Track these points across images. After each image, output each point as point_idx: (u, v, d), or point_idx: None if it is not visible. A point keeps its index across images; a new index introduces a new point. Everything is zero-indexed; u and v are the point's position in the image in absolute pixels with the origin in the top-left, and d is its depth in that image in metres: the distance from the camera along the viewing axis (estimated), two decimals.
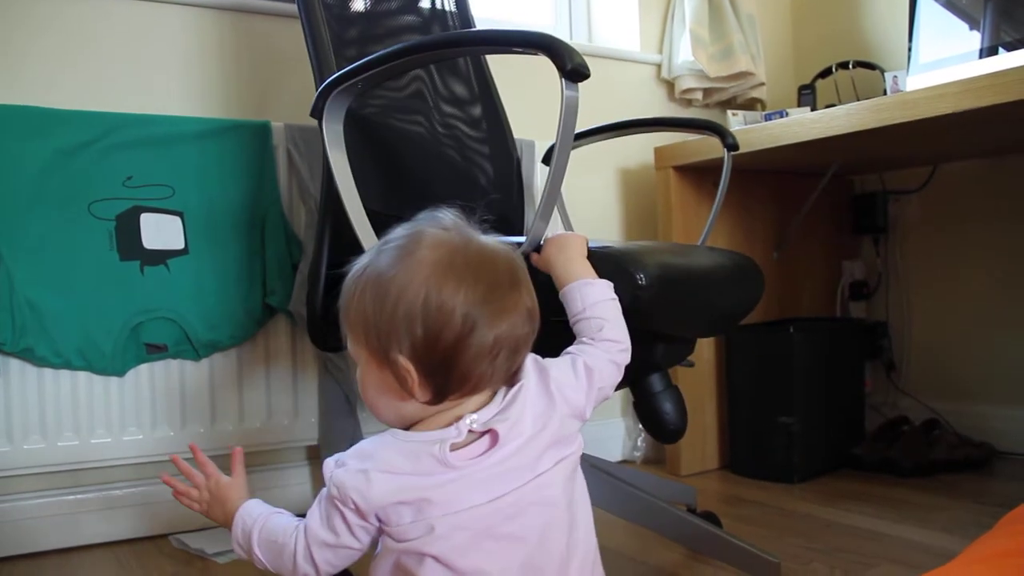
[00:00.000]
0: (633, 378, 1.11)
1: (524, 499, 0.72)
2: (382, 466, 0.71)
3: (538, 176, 1.85)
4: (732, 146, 1.39)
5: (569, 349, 0.84)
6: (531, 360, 0.78)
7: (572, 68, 0.85)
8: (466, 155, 1.45)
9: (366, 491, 0.70)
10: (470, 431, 0.72)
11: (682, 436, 1.12)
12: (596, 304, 0.86)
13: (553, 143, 1.56)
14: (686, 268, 1.11)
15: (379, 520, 0.72)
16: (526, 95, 1.85)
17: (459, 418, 0.72)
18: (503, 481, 0.71)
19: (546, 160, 1.62)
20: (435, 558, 0.70)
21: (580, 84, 0.87)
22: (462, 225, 0.77)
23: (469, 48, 1.00)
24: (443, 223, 0.76)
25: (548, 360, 0.80)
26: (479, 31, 0.97)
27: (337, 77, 1.02)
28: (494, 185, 1.47)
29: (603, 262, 0.93)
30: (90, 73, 1.54)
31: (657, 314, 1.00)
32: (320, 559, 0.75)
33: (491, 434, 0.72)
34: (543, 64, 0.89)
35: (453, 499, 0.70)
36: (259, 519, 0.81)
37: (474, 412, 0.73)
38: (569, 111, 0.87)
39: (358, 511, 0.71)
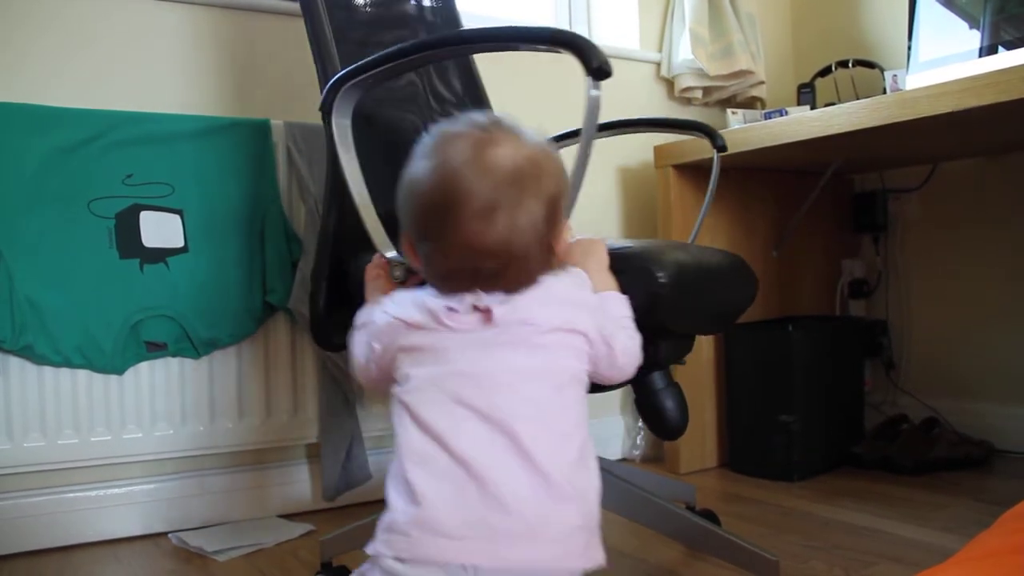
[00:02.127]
0: (635, 375, 1.11)
1: (502, 381, 0.74)
2: (396, 311, 0.79)
3: None
4: (721, 147, 1.40)
5: None
6: (567, 277, 0.81)
7: (598, 66, 0.86)
8: None
9: (377, 323, 0.81)
10: (474, 307, 0.75)
11: (683, 433, 1.13)
12: (614, 320, 0.87)
13: (555, 136, 1.57)
14: (697, 265, 1.12)
15: (391, 363, 0.79)
16: (517, 93, 1.86)
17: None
18: (487, 356, 0.74)
19: None
20: (407, 405, 0.74)
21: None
22: (488, 125, 0.79)
23: (492, 44, 0.99)
24: (476, 121, 0.79)
25: (586, 297, 0.81)
26: (503, 28, 0.97)
27: (350, 71, 1.00)
28: None
29: (625, 261, 0.95)
30: (90, 71, 1.54)
31: (675, 311, 1.01)
32: (358, 371, 0.87)
33: (487, 312, 0.75)
34: (537, 63, 0.90)
35: (440, 355, 0.75)
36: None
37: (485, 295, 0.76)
38: (593, 110, 0.88)
39: (376, 349, 0.81)
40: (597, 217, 2.09)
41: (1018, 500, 0.79)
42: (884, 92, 1.93)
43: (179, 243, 1.54)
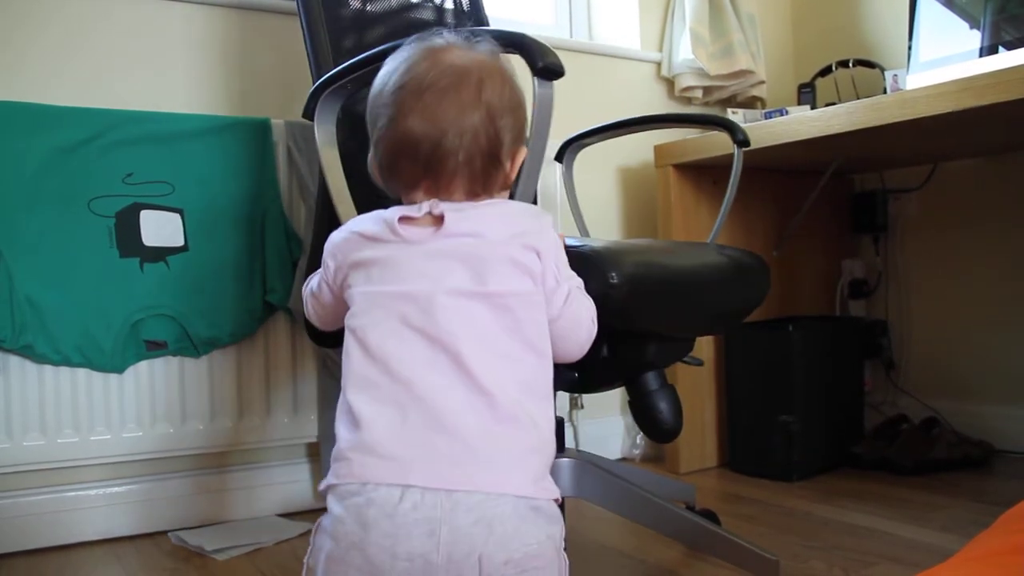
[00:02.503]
0: (628, 376, 1.11)
1: (447, 303, 0.72)
2: (356, 226, 0.80)
3: (558, 176, 1.85)
4: (742, 142, 1.38)
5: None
6: (527, 207, 0.80)
7: (544, 66, 0.86)
8: None
9: (334, 239, 0.81)
10: (429, 214, 0.75)
11: (676, 436, 1.11)
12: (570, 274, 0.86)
13: (565, 141, 1.57)
14: (669, 267, 1.10)
15: (343, 283, 0.79)
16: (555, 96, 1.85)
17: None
18: (435, 273, 0.73)
19: (559, 157, 1.62)
20: (354, 331, 0.73)
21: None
22: (454, 39, 0.82)
23: None
24: (443, 35, 0.82)
25: (544, 223, 0.79)
26: (460, 32, 0.99)
27: (327, 78, 1.03)
28: None
29: (575, 260, 0.92)
30: (90, 70, 1.54)
31: (632, 312, 1.00)
32: (310, 310, 0.88)
33: (440, 220, 0.75)
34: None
35: (388, 271, 0.75)
36: None
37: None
38: (543, 108, 0.88)
39: (330, 266, 0.80)
40: (597, 217, 2.09)
41: (1018, 500, 0.79)
42: (884, 92, 1.93)
43: (179, 242, 1.54)
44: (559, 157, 1.60)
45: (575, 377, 1.13)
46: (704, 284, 1.17)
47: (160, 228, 1.53)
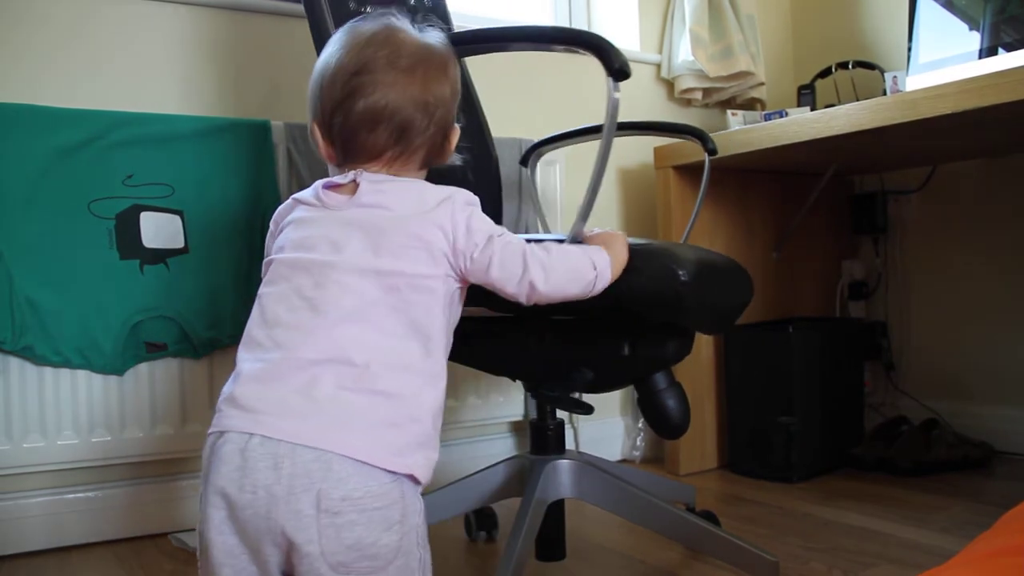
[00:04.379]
0: (640, 375, 1.12)
1: (340, 278, 0.76)
2: (297, 193, 0.87)
3: (521, 173, 1.86)
4: (711, 151, 1.44)
5: (502, 230, 0.84)
6: (442, 188, 0.83)
7: (619, 67, 0.89)
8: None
9: (279, 207, 0.89)
10: (353, 181, 0.82)
11: (685, 432, 1.13)
12: (571, 246, 0.90)
13: (534, 144, 1.60)
14: (711, 264, 1.12)
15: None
16: (514, 94, 1.85)
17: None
18: (339, 241, 0.78)
19: (523, 161, 1.69)
20: (259, 299, 0.80)
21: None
22: (393, 20, 0.86)
23: (514, 44, 1.02)
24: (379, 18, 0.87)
25: (457, 200, 0.82)
26: (524, 27, 1.01)
27: None
28: (474, 183, 1.47)
29: (648, 258, 0.96)
30: (90, 72, 1.54)
31: (694, 308, 1.02)
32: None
33: (356, 186, 0.81)
34: (531, 63, 0.91)
35: (300, 232, 0.81)
36: None
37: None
38: (613, 111, 0.91)
39: (271, 231, 0.89)
40: (597, 218, 2.09)
41: (1018, 501, 0.79)
42: (884, 93, 1.93)
43: (179, 244, 1.54)
44: (523, 161, 1.66)
45: (591, 377, 1.13)
46: (727, 281, 1.18)
47: (160, 230, 1.53)
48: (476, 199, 0.85)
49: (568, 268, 0.86)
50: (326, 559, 0.69)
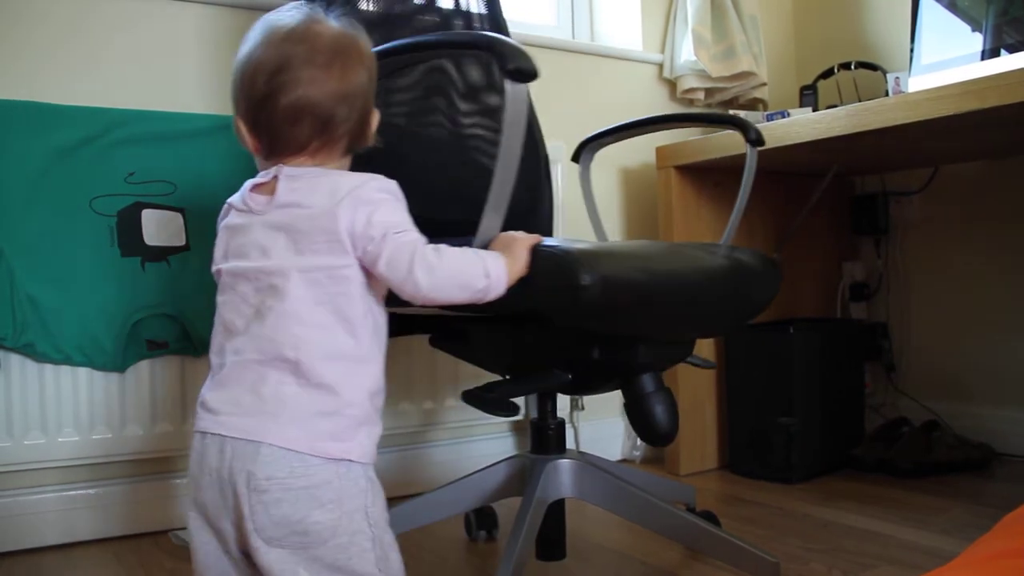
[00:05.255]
0: (622, 380, 1.10)
1: (272, 282, 0.80)
2: (232, 197, 0.89)
3: (560, 176, 1.87)
4: (756, 141, 1.35)
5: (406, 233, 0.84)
6: (356, 176, 0.84)
7: (515, 68, 0.87)
8: (493, 154, 1.44)
9: (221, 212, 0.91)
10: (275, 178, 0.84)
11: (671, 440, 1.09)
12: (470, 251, 0.88)
13: (583, 140, 1.56)
14: (653, 270, 1.07)
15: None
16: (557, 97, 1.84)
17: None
18: (267, 246, 0.82)
19: (575, 158, 1.59)
20: (218, 306, 0.85)
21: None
22: (308, 12, 0.87)
23: (418, 54, 1.02)
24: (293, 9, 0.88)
25: (365, 190, 0.82)
26: (427, 37, 1.00)
27: None
28: (522, 184, 1.46)
29: (545, 260, 0.92)
30: (89, 69, 1.54)
31: (607, 315, 0.98)
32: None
33: (275, 183, 0.83)
34: (563, 66, 0.90)
35: (235, 240, 0.85)
36: None
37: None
38: (514, 109, 0.88)
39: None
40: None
41: (1018, 503, 0.79)
42: (886, 94, 1.93)
43: (181, 241, 1.55)
44: (575, 158, 1.58)
45: (568, 379, 1.11)
46: (692, 288, 1.12)
47: (162, 227, 1.53)
48: (393, 188, 0.84)
49: (455, 274, 0.84)
50: (259, 533, 0.76)
